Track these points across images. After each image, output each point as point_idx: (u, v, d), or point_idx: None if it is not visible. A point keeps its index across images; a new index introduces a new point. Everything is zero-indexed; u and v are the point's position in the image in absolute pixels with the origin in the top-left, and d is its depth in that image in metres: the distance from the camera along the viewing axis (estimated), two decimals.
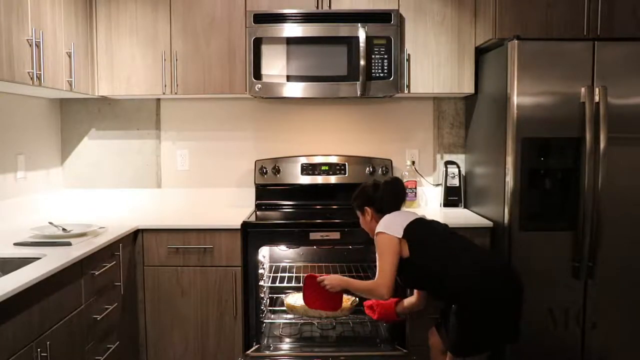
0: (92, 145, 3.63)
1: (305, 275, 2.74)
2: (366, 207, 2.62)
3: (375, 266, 2.48)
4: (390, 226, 2.44)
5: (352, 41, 3.11)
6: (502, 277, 2.35)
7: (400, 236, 2.40)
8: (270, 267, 3.43)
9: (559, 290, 2.80)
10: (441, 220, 3.08)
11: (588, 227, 2.72)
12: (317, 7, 3.18)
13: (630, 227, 2.79)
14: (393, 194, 2.61)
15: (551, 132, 2.76)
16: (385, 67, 3.12)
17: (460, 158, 3.59)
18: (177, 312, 3.00)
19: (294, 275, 3.34)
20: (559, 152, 2.80)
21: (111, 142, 3.63)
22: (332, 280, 2.62)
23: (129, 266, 2.89)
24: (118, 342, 2.69)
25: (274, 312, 3.35)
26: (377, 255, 2.46)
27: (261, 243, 3.01)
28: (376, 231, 2.47)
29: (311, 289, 2.68)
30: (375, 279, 2.44)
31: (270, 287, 3.35)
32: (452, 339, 2.38)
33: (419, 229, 2.45)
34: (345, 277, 2.68)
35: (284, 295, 3.26)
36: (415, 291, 2.70)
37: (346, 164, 3.49)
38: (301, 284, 3.22)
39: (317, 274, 2.70)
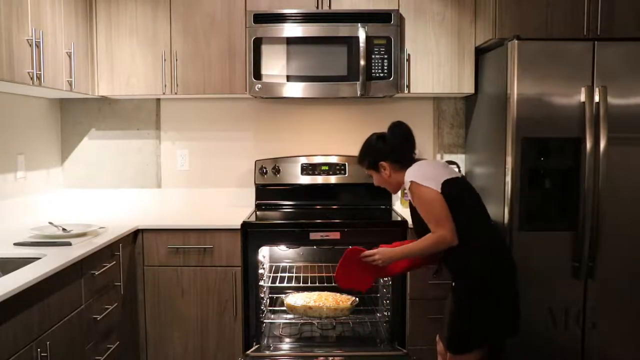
0: (92, 145, 3.63)
1: (348, 248, 2.46)
2: (381, 162, 2.44)
3: None
4: (428, 178, 2.28)
5: (352, 41, 3.11)
6: (510, 266, 2.33)
7: (439, 191, 2.26)
8: (270, 267, 3.43)
9: (559, 290, 2.79)
10: None
11: (588, 227, 2.72)
12: (317, 7, 3.18)
13: (630, 227, 2.79)
14: (404, 139, 2.44)
15: (551, 132, 2.76)
16: (385, 67, 3.12)
17: (460, 158, 3.59)
18: (177, 312, 3.00)
19: (294, 275, 3.34)
20: (559, 152, 2.79)
21: (111, 142, 3.63)
22: (384, 255, 2.37)
23: (129, 266, 2.89)
24: (118, 342, 2.69)
25: (274, 312, 3.35)
26: (421, 207, 2.30)
27: (261, 243, 3.01)
28: (411, 181, 2.30)
29: (349, 264, 2.44)
30: (434, 230, 2.27)
31: (270, 287, 3.35)
32: (448, 325, 2.33)
33: (455, 189, 2.31)
34: (395, 248, 2.41)
35: (284, 295, 3.26)
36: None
37: (346, 164, 3.49)
38: (302, 284, 3.24)
39: (361, 248, 2.45)
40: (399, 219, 3.06)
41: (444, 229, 2.24)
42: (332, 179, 3.49)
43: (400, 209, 3.45)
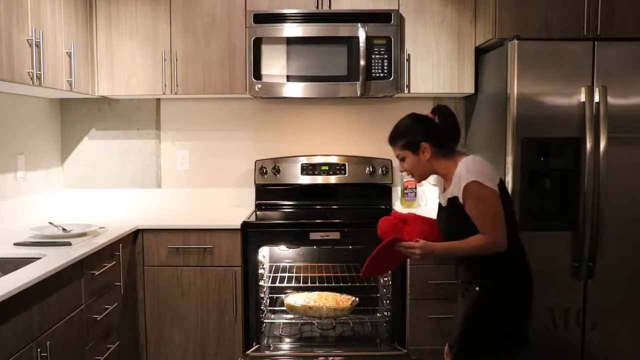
0: (92, 145, 3.63)
1: (391, 239, 2.21)
2: (423, 143, 2.21)
3: None
4: (487, 178, 2.10)
5: (352, 41, 3.11)
6: (531, 278, 2.26)
7: (494, 187, 2.10)
8: (270, 267, 3.43)
9: (559, 290, 2.79)
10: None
11: (588, 227, 2.72)
12: (317, 7, 3.18)
13: (630, 227, 2.79)
14: (453, 124, 2.24)
15: (551, 132, 2.76)
16: (385, 67, 3.12)
17: None
18: (177, 312, 3.00)
19: (294, 275, 3.34)
20: (559, 152, 2.79)
21: (111, 142, 3.63)
22: (425, 249, 2.15)
23: (129, 266, 2.89)
24: (118, 342, 2.69)
25: (274, 312, 3.35)
26: (479, 207, 2.09)
27: (261, 243, 3.01)
28: (474, 181, 2.08)
29: (387, 252, 2.23)
30: (488, 233, 2.09)
31: (270, 287, 3.35)
32: (462, 331, 2.22)
33: (504, 194, 2.18)
34: (437, 244, 2.19)
35: (284, 295, 3.26)
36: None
37: (346, 164, 3.49)
38: (302, 284, 3.24)
39: (402, 237, 2.24)
40: None
41: (499, 234, 2.10)
42: (332, 179, 3.49)
43: (401, 209, 3.45)
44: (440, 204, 2.34)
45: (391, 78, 3.13)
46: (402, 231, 2.30)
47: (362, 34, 3.05)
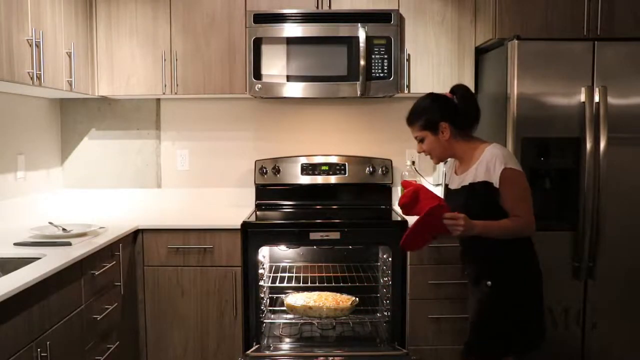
0: (92, 145, 3.63)
1: (435, 205, 2.10)
2: (442, 123, 2.17)
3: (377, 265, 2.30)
4: (517, 163, 2.16)
5: (352, 41, 3.11)
6: (539, 266, 2.22)
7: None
8: (270, 267, 3.43)
9: (559, 290, 2.79)
10: None
11: (588, 227, 2.72)
12: (317, 7, 3.18)
13: (630, 227, 2.79)
14: (474, 105, 2.21)
15: (551, 132, 2.76)
16: (385, 67, 3.12)
17: None
18: (177, 312, 3.00)
19: (294, 275, 3.34)
20: (559, 152, 2.80)
21: (111, 142, 3.63)
22: (467, 224, 2.06)
23: (129, 266, 2.89)
24: (118, 342, 2.69)
25: (274, 312, 3.34)
26: (516, 190, 2.11)
27: (261, 243, 3.01)
28: (507, 166, 2.09)
29: (430, 220, 2.10)
30: (522, 214, 2.11)
31: (270, 287, 3.35)
32: (475, 328, 2.18)
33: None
34: (478, 221, 2.09)
35: (284, 295, 3.26)
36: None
37: (346, 164, 3.49)
38: (302, 284, 3.24)
39: (447, 206, 2.13)
40: (399, 218, 3.06)
41: (532, 217, 2.13)
42: (332, 179, 3.48)
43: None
44: (448, 187, 2.31)
45: (391, 78, 3.13)
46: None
47: (362, 34, 3.05)
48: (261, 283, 3.10)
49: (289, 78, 3.14)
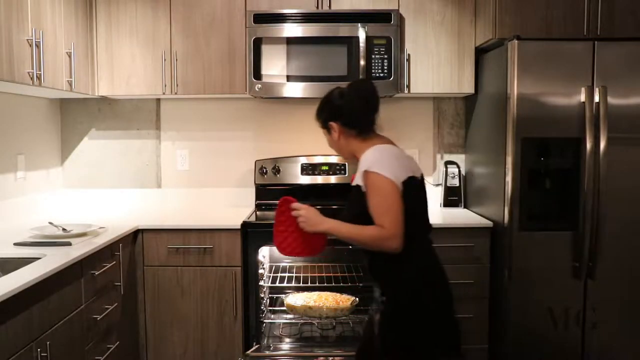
0: (92, 145, 3.63)
1: (281, 199, 2.14)
2: (331, 122, 2.09)
3: None
4: (388, 168, 1.95)
5: (352, 41, 3.11)
6: (445, 287, 2.04)
7: (400, 189, 1.94)
8: (270, 267, 3.43)
9: (559, 290, 2.79)
10: (441, 221, 3.10)
11: (588, 227, 2.72)
12: (317, 7, 3.18)
13: (630, 227, 2.79)
14: (363, 101, 2.08)
15: (551, 132, 2.76)
16: (385, 67, 3.12)
17: (460, 158, 3.59)
18: (177, 312, 3.00)
19: (294, 275, 3.34)
20: (559, 152, 2.80)
21: (111, 142, 3.63)
22: (311, 216, 2.04)
23: (129, 266, 2.89)
24: (118, 342, 2.69)
25: (274, 312, 3.34)
26: (376, 196, 1.94)
27: (261, 243, 3.00)
28: (370, 170, 1.95)
29: (284, 219, 2.11)
30: (381, 224, 1.91)
31: (270, 287, 3.35)
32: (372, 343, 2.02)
33: (411, 193, 1.98)
34: (330, 220, 2.05)
35: (284, 295, 3.26)
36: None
37: (346, 164, 3.48)
38: (302, 284, 3.24)
39: (293, 199, 2.14)
40: None
41: (393, 230, 1.90)
42: (332, 179, 3.48)
43: None
44: None
45: (391, 78, 3.13)
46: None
47: (362, 34, 3.05)
48: (261, 283, 3.10)
49: (289, 78, 3.14)
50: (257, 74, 3.13)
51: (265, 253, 3.32)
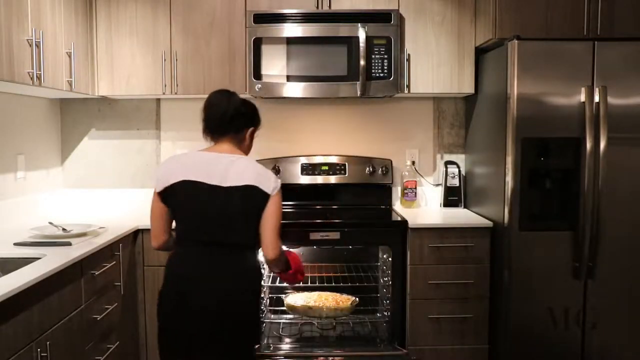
0: (92, 145, 3.63)
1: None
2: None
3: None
4: (154, 177, 2.18)
5: (352, 41, 3.11)
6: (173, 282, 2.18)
7: (158, 190, 2.14)
8: None
9: (559, 290, 2.79)
10: (441, 221, 3.11)
11: (588, 227, 2.72)
12: (317, 7, 3.18)
13: (630, 227, 2.79)
14: (205, 107, 2.38)
15: (551, 132, 2.76)
16: (385, 67, 3.12)
17: (460, 158, 3.59)
18: None
19: None
20: (559, 152, 2.80)
21: (111, 142, 3.63)
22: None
23: (129, 266, 2.89)
24: (118, 342, 2.69)
25: (274, 312, 3.34)
26: None
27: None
28: None
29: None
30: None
31: (270, 287, 3.35)
32: None
33: (179, 193, 2.13)
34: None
35: (284, 295, 3.26)
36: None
37: (346, 164, 3.48)
38: (302, 284, 3.22)
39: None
40: (399, 218, 3.06)
41: (152, 231, 2.24)
42: (332, 179, 3.48)
43: (401, 209, 3.45)
44: None
45: (391, 78, 3.13)
46: None
47: (362, 34, 3.05)
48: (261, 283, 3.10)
49: (289, 78, 3.14)
50: (257, 74, 3.13)
51: None
